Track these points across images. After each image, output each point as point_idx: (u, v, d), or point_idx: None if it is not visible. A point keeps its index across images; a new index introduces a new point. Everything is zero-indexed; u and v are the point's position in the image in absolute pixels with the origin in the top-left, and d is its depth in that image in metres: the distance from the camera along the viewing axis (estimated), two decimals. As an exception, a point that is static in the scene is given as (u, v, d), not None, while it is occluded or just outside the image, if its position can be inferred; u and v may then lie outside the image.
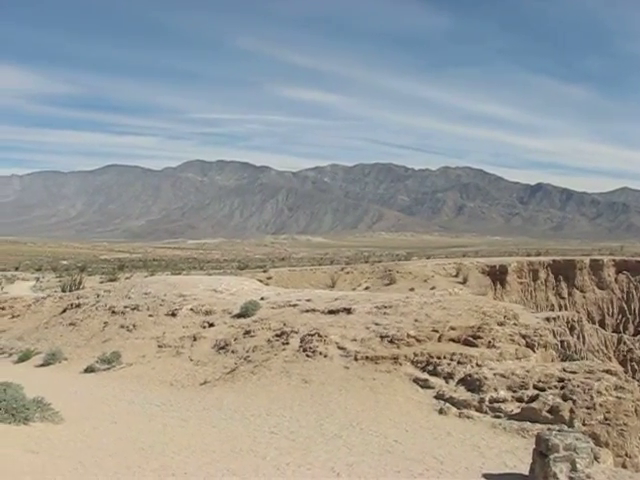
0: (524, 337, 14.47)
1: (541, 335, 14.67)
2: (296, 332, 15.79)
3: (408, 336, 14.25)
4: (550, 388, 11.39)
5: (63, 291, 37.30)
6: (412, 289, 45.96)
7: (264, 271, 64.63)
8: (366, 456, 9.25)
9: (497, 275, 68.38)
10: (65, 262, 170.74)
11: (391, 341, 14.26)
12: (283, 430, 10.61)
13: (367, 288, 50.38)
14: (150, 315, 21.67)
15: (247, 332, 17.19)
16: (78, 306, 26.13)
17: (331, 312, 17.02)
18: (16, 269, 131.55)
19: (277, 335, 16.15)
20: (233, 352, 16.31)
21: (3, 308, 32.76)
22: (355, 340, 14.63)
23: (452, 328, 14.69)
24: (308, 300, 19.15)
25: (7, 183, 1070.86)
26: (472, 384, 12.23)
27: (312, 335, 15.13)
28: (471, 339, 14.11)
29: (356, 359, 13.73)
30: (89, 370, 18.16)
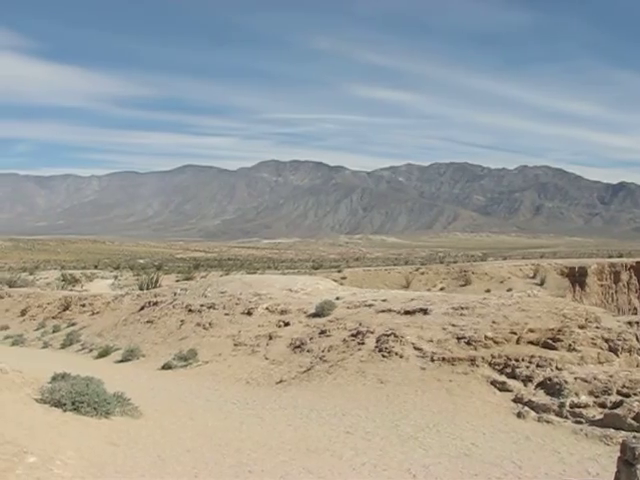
0: (607, 341, 14.03)
1: (625, 339, 14.18)
2: (372, 332, 15.70)
3: (485, 338, 14.01)
4: (635, 394, 10.98)
5: (140, 289, 38.12)
6: (488, 290, 45.30)
7: (338, 271, 64.63)
8: (442, 458, 9.12)
9: (576, 277, 66.57)
10: (142, 261, 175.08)
11: (468, 342, 14.04)
12: (359, 430, 10.57)
13: (442, 289, 49.83)
14: (226, 314, 21.91)
15: (322, 332, 17.19)
16: (155, 304, 26.63)
17: (407, 312, 16.86)
18: (95, 267, 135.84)
19: (353, 335, 16.09)
20: (308, 351, 16.34)
21: (84, 305, 33.68)
22: (431, 341, 14.45)
23: (531, 330, 14.37)
24: (384, 300, 19.03)
25: (87, 184, 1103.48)
26: (552, 388, 11.91)
27: (388, 335, 15.02)
28: (551, 342, 13.77)
29: (432, 360, 13.57)
30: (166, 367, 18.48)
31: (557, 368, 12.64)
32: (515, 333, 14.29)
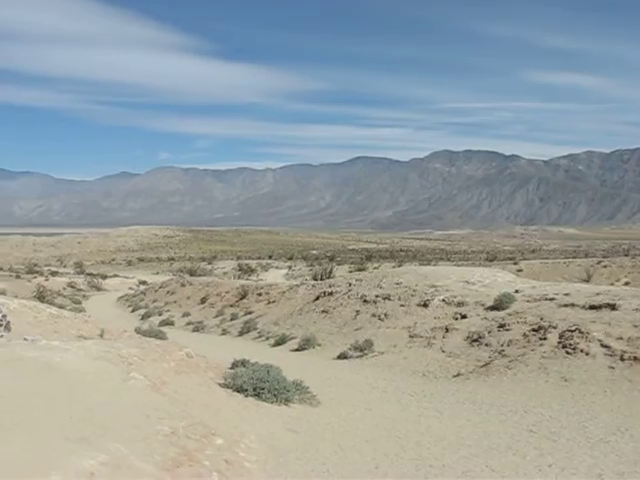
0: None
1: None
2: (554, 327, 15.00)
3: (684, 337, 12.97)
4: None
5: (314, 279, 38.79)
6: (679, 285, 42.10)
7: (514, 263, 62.78)
8: (639, 467, 8.46)
9: None
10: (314, 252, 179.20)
11: (663, 341, 13.06)
12: (542, 429, 10.08)
13: (627, 283, 46.90)
14: (401, 305, 21.80)
15: (501, 325, 16.65)
16: (330, 294, 26.95)
17: (592, 307, 15.92)
18: (270, 258, 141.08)
19: (533, 330, 15.45)
20: (486, 345, 15.89)
21: (260, 294, 34.83)
22: (621, 339, 13.55)
23: None
24: (566, 294, 18.14)
25: (262, 176, 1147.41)
26: None
27: (572, 331, 14.27)
28: None
29: (622, 359, 12.70)
30: (342, 357, 18.66)
31: None
32: None
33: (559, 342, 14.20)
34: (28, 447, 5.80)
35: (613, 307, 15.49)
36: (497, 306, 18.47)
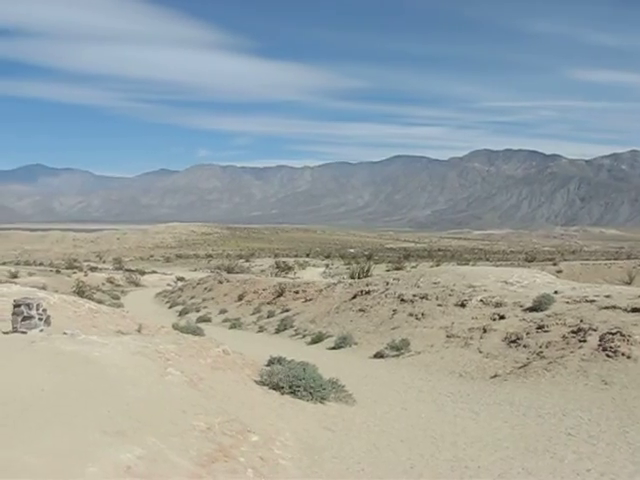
0: None
1: None
2: (594, 329, 14.77)
3: None
4: None
5: (352, 278, 38.65)
6: None
7: (554, 264, 61.87)
8: (682, 474, 8.22)
9: None
10: (352, 250, 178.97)
11: None
12: (581, 433, 9.92)
13: (670, 286, 46.04)
14: (439, 305, 21.67)
15: (540, 327, 16.45)
16: (368, 293, 26.89)
17: (635, 310, 15.65)
18: (307, 255, 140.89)
19: (573, 332, 15.24)
20: (525, 346, 15.71)
21: (297, 292, 34.77)
22: (664, 342, 13.32)
23: None
24: (607, 296, 17.84)
25: (300, 174, 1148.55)
26: None
27: (613, 334, 14.03)
28: None
29: (664, 363, 12.48)
30: (378, 356, 18.62)
31: None
32: None
33: (599, 345, 13.98)
34: (66, 440, 5.88)
35: (656, 310, 15.22)
36: (536, 307, 18.25)
